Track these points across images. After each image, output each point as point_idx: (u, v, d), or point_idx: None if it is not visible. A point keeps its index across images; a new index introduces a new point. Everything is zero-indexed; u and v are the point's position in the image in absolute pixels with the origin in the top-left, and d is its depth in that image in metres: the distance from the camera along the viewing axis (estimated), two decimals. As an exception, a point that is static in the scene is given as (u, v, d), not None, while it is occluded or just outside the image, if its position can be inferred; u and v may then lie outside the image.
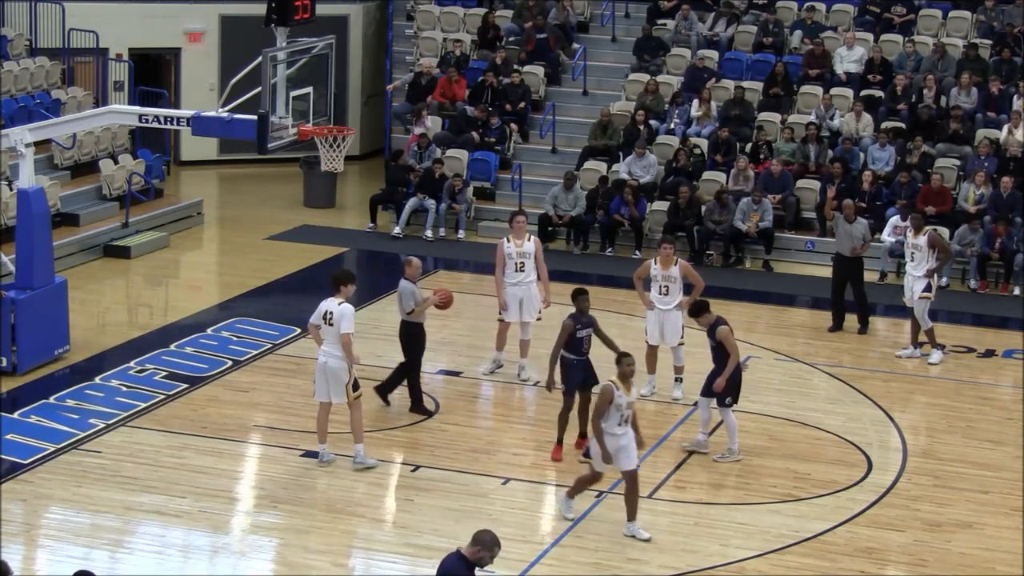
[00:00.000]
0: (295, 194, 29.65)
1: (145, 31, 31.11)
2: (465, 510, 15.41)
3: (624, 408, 14.60)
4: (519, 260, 19.20)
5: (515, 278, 19.20)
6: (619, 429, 14.62)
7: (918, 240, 20.58)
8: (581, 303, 16.78)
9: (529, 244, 19.28)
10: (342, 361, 15.95)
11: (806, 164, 26.93)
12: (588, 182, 26.96)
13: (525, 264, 19.20)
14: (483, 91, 29.17)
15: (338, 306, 15.93)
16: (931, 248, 20.52)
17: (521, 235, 19.30)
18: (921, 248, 20.53)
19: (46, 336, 19.44)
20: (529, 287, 19.21)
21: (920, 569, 14.48)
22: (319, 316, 16.05)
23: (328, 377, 16.06)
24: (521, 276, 19.22)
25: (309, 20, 19.14)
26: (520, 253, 19.20)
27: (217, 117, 18.77)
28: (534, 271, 19.25)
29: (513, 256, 19.20)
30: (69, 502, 15.31)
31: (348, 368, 15.96)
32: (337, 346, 15.91)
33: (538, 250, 19.36)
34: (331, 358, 16.02)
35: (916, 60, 28.57)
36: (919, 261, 20.55)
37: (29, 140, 19.21)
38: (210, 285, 24.67)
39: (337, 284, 16.13)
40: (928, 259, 20.50)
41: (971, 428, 18.37)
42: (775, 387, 19.47)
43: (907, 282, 20.82)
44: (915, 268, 20.60)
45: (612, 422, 14.58)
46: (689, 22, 30.38)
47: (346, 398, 16.09)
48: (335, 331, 15.87)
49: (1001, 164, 25.90)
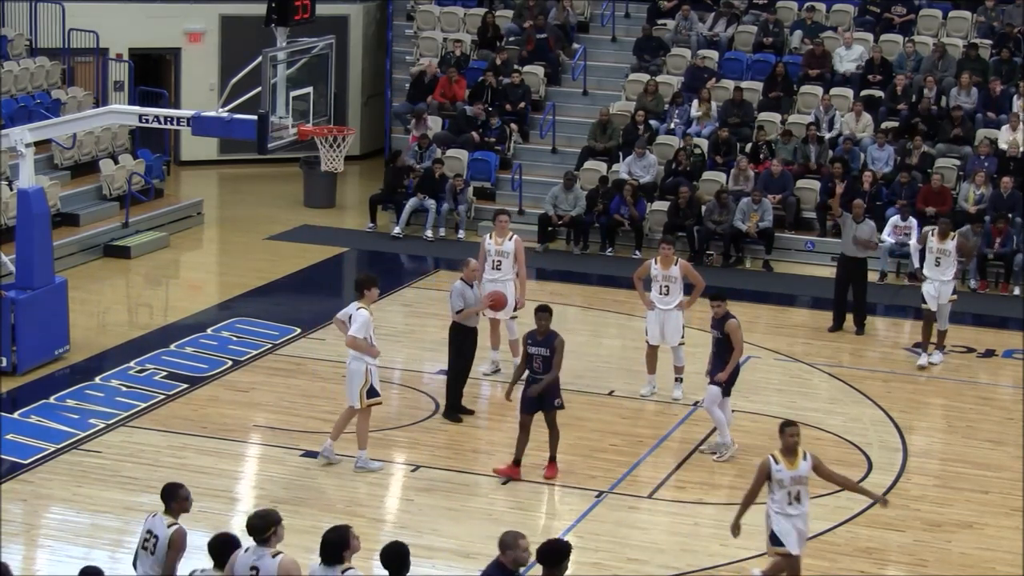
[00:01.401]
0: (295, 194, 29.65)
1: (145, 31, 31.10)
2: (465, 510, 15.42)
3: (789, 484, 12.81)
4: (496, 258, 19.21)
5: (491, 275, 19.20)
6: (791, 508, 12.88)
7: (945, 245, 20.27)
8: (538, 320, 16.08)
9: (509, 244, 19.26)
10: (359, 363, 16.02)
11: (806, 164, 26.93)
12: (588, 182, 26.96)
13: (502, 263, 19.21)
14: (483, 91, 29.17)
15: (356, 310, 16.04)
16: (958, 252, 20.43)
17: (503, 234, 19.31)
18: (949, 253, 20.26)
19: (46, 336, 19.44)
20: (506, 285, 19.15)
21: (920, 569, 14.48)
22: (345, 315, 16.27)
23: (348, 378, 16.21)
24: (497, 274, 19.21)
25: (309, 20, 19.14)
26: (499, 251, 19.21)
27: (217, 117, 18.77)
28: (512, 270, 19.25)
29: (491, 254, 19.22)
30: (69, 502, 15.30)
31: (366, 371, 16.01)
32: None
33: (519, 250, 19.33)
34: (353, 360, 16.14)
35: (916, 60, 28.57)
36: (946, 266, 20.27)
37: (29, 140, 19.21)
38: (210, 285, 24.67)
39: (361, 288, 16.22)
40: (955, 263, 20.38)
41: (971, 428, 18.37)
42: (775, 387, 19.47)
43: (932, 287, 20.27)
44: (943, 273, 20.25)
45: (781, 500, 12.88)
46: (689, 22, 30.38)
47: (359, 402, 16.10)
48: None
49: (1001, 164, 25.90)
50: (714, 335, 16.83)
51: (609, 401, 18.78)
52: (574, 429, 17.61)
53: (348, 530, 10.42)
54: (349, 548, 10.36)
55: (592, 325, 22.44)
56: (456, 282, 18.04)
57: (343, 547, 10.34)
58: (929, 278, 20.42)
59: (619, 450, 17.16)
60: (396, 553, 10.20)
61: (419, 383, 19.29)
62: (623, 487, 16.12)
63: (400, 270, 25.73)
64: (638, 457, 16.98)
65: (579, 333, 21.95)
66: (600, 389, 19.12)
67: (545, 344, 15.92)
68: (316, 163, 21.48)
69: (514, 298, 19.21)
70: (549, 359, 15.89)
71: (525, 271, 19.52)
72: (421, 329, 21.52)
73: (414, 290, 23.92)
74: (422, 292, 23.70)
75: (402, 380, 19.49)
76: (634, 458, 16.93)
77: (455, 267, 25.45)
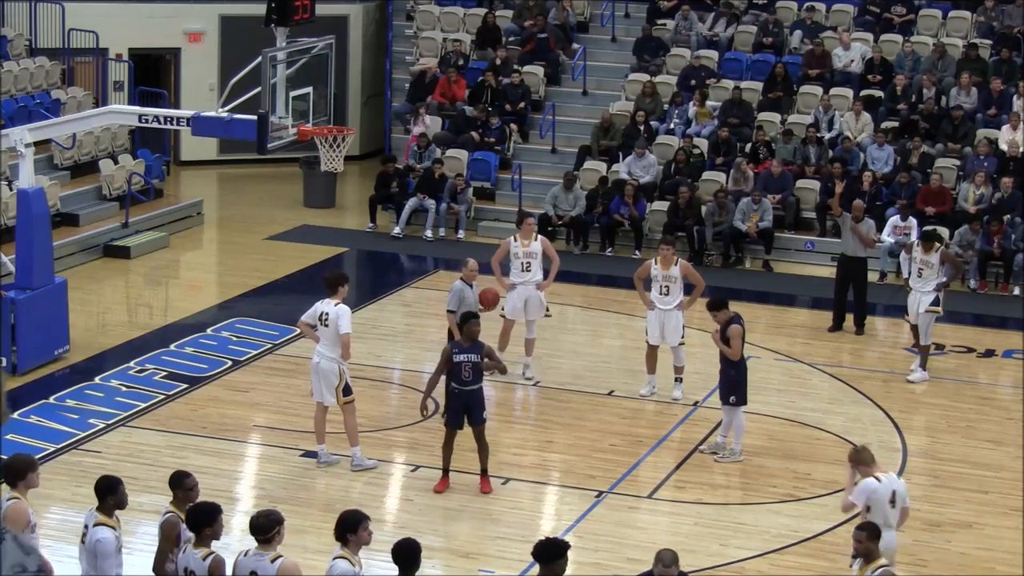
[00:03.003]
0: (295, 194, 29.65)
1: (145, 31, 31.10)
2: (465, 510, 15.42)
3: None
4: (525, 260, 19.27)
5: (521, 278, 19.27)
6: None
7: (930, 257, 19.85)
8: (471, 328, 15.67)
9: (536, 244, 19.36)
10: (334, 363, 15.97)
11: (806, 164, 26.92)
12: (588, 182, 26.96)
13: (531, 264, 19.27)
14: (483, 91, 29.17)
15: (335, 307, 15.92)
16: (942, 264, 19.92)
17: (529, 235, 19.39)
18: (932, 266, 19.82)
19: (46, 336, 19.44)
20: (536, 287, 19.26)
21: (920, 569, 14.48)
22: (313, 316, 16.05)
23: (320, 377, 16.09)
24: (527, 276, 19.28)
25: (309, 20, 19.14)
26: (527, 253, 19.27)
27: (217, 117, 18.77)
28: (540, 271, 19.30)
29: (519, 256, 19.28)
30: (69, 502, 15.29)
31: (339, 371, 15.97)
32: (330, 347, 15.93)
33: (548, 247, 19.51)
34: (324, 359, 16.03)
35: (915, 60, 28.56)
36: (928, 278, 19.86)
37: (29, 140, 19.21)
38: (210, 285, 24.67)
39: (335, 285, 16.10)
40: (937, 274, 19.88)
41: (971, 428, 18.38)
42: (775, 387, 19.47)
43: (913, 298, 19.99)
44: (923, 284, 19.86)
45: None
46: (689, 22, 30.38)
47: (336, 401, 16.10)
48: (332, 332, 15.88)
49: (1001, 164, 25.90)
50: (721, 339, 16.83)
51: (609, 401, 18.78)
52: (574, 429, 17.62)
53: (278, 514, 10.57)
54: (279, 534, 10.50)
55: (592, 325, 22.45)
56: (455, 281, 18.05)
57: (271, 529, 10.48)
58: (912, 289, 20.07)
59: (619, 450, 17.17)
60: (407, 550, 10.26)
61: (419, 383, 19.24)
62: (623, 487, 16.13)
63: (400, 270, 25.74)
64: (638, 457, 16.98)
65: (579, 333, 22.00)
66: (600, 389, 19.13)
67: (474, 351, 15.57)
68: (316, 163, 21.48)
69: (544, 298, 19.40)
70: (479, 364, 15.60)
71: (558, 259, 19.64)
72: (421, 329, 21.53)
73: (414, 290, 23.93)
74: (422, 292, 23.70)
75: (402, 380, 19.50)
76: (634, 458, 16.94)
77: (455, 267, 25.49)
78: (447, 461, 15.90)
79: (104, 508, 11.13)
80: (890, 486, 12.52)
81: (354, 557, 10.53)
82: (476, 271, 18.27)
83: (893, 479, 12.74)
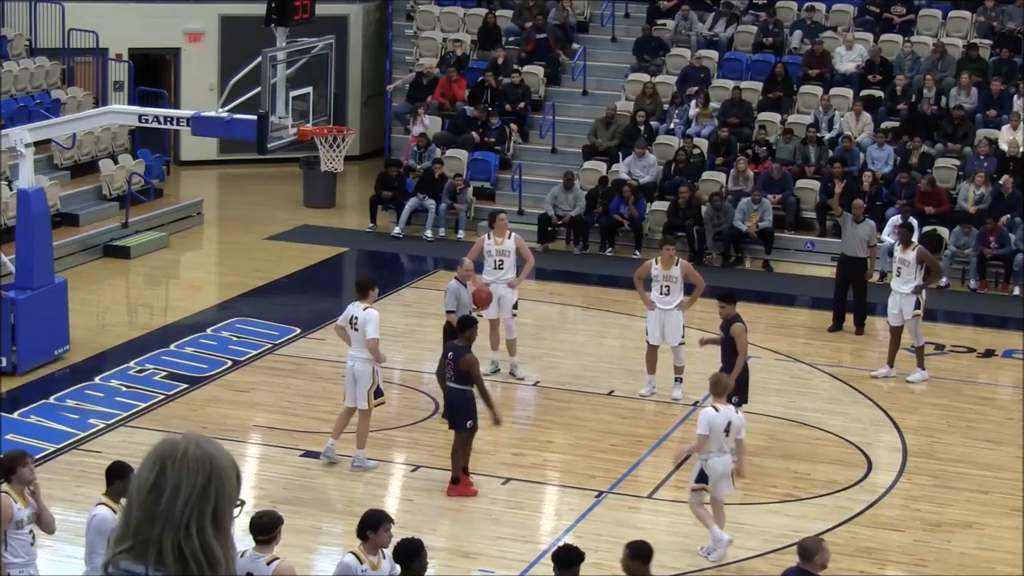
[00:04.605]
0: (295, 194, 29.65)
1: (145, 31, 31.09)
2: (465, 510, 15.42)
3: None
4: (498, 258, 19.25)
5: (493, 275, 19.23)
6: None
7: (906, 255, 19.70)
8: (470, 333, 15.77)
9: (509, 242, 19.31)
10: (368, 364, 16.01)
11: (806, 164, 26.92)
12: (588, 182, 26.96)
13: (504, 262, 19.25)
14: (483, 91, 29.17)
15: (363, 311, 16.00)
16: (919, 264, 19.70)
17: (502, 233, 19.34)
18: (909, 264, 19.64)
19: (46, 336, 19.43)
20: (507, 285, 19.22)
21: (920, 569, 14.48)
22: (345, 319, 16.16)
23: (356, 380, 16.14)
24: (499, 274, 19.25)
25: (309, 20, 19.14)
26: (500, 251, 19.24)
27: (217, 117, 18.77)
28: (513, 269, 19.29)
29: (492, 253, 19.25)
30: (69, 502, 15.28)
31: (373, 373, 16.02)
32: (363, 349, 16.02)
33: (521, 244, 19.48)
34: (357, 361, 16.11)
35: (914, 60, 28.56)
36: (906, 277, 19.66)
37: (29, 140, 19.20)
38: (210, 285, 24.66)
39: (365, 289, 16.24)
40: (916, 275, 19.67)
41: (971, 428, 18.37)
42: (775, 387, 19.46)
43: (893, 300, 19.83)
44: (902, 284, 19.66)
45: None
46: (689, 22, 30.38)
47: (367, 404, 16.10)
48: (361, 336, 15.97)
49: (1001, 164, 25.89)
50: (721, 336, 16.85)
51: (609, 401, 18.78)
52: (574, 429, 17.62)
53: (278, 514, 10.66)
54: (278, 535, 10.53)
55: (592, 325, 22.45)
56: (451, 281, 18.03)
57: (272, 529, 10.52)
58: (892, 289, 19.94)
59: (619, 450, 17.17)
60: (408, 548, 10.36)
61: (419, 383, 19.30)
62: (623, 487, 16.13)
63: (400, 270, 25.74)
64: (638, 457, 16.98)
65: (579, 333, 21.99)
66: (600, 389, 19.12)
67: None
68: (316, 163, 21.49)
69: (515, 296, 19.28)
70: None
71: (532, 257, 19.64)
72: (420, 329, 21.51)
73: (414, 290, 23.93)
74: (422, 292, 23.69)
75: (402, 380, 19.49)
76: (634, 458, 16.94)
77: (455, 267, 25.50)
78: (467, 461, 15.87)
79: (111, 492, 11.18)
80: (727, 417, 14.24)
81: (365, 555, 10.55)
82: (471, 271, 18.28)
83: (731, 411, 14.40)
